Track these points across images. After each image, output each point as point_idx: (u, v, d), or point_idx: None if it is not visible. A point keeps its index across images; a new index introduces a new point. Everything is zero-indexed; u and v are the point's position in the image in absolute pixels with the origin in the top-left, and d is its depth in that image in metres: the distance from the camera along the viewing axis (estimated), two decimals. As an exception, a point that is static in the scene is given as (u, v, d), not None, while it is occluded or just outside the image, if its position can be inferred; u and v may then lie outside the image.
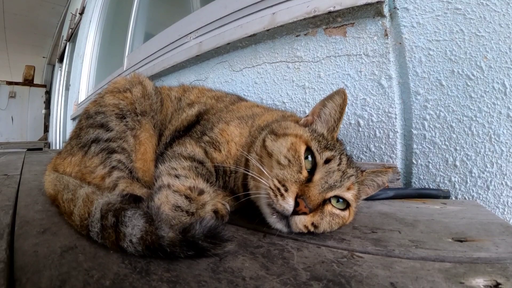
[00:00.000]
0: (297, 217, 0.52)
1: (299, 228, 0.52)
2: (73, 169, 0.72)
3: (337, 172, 0.55)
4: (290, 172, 0.54)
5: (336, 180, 0.55)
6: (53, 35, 8.28)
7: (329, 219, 0.54)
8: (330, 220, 0.54)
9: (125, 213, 0.46)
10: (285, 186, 0.53)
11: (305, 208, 0.51)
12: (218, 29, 1.57)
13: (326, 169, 0.55)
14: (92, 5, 4.23)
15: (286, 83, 1.22)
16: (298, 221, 0.52)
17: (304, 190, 0.52)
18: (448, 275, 0.40)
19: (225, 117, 0.76)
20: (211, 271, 0.39)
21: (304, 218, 0.52)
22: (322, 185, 0.54)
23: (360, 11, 0.99)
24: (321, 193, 0.53)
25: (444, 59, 0.88)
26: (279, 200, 0.52)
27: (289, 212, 0.52)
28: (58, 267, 0.39)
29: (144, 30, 2.85)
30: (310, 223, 0.52)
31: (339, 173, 0.55)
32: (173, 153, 0.65)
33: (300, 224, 0.52)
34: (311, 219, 0.52)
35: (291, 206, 0.51)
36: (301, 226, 0.52)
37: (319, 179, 0.54)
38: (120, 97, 0.78)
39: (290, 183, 0.53)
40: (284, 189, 0.52)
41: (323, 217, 0.54)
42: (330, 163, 0.56)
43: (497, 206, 0.85)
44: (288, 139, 0.59)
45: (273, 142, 0.61)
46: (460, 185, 0.88)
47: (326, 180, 0.54)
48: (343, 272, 0.40)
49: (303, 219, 0.52)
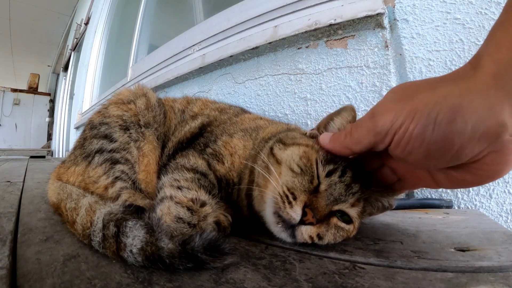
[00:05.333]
0: (304, 227, 0.51)
1: (304, 239, 0.52)
2: (77, 179, 0.72)
3: (339, 184, 0.54)
4: (301, 181, 0.54)
5: (341, 193, 0.54)
6: (58, 44, 8.42)
7: (334, 231, 0.53)
8: (335, 232, 0.54)
9: (126, 223, 0.47)
10: (294, 194, 0.52)
11: (313, 218, 0.50)
12: (221, 42, 1.59)
13: (328, 181, 0.55)
14: (97, 15, 4.32)
15: (288, 95, 1.23)
16: (304, 231, 0.51)
17: (312, 200, 0.52)
18: (450, 285, 0.40)
19: (229, 129, 0.77)
20: (213, 282, 0.39)
21: (310, 229, 0.51)
22: (328, 196, 0.53)
23: (361, 24, 1.01)
24: (328, 205, 0.53)
25: (444, 69, 0.89)
26: (287, 208, 0.51)
27: (295, 221, 0.51)
28: (61, 275, 0.40)
29: (148, 41, 2.90)
30: (316, 234, 0.52)
31: (343, 186, 0.55)
32: (176, 165, 0.66)
33: (305, 234, 0.51)
34: (317, 230, 0.52)
35: (299, 215, 0.51)
36: (307, 237, 0.51)
37: (325, 190, 0.54)
38: (124, 108, 0.79)
39: (300, 191, 0.52)
40: (292, 197, 0.52)
41: (328, 229, 0.53)
42: (333, 175, 0.55)
43: (500, 214, 0.85)
44: (300, 148, 0.59)
45: (282, 150, 0.60)
46: (463, 194, 0.88)
47: (331, 192, 0.54)
48: (345, 284, 0.40)
49: (309, 230, 0.51)
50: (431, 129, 0.41)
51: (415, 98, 0.43)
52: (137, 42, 2.87)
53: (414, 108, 0.42)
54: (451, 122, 0.39)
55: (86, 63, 4.34)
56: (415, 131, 0.42)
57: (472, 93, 0.39)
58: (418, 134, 0.42)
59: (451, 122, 0.39)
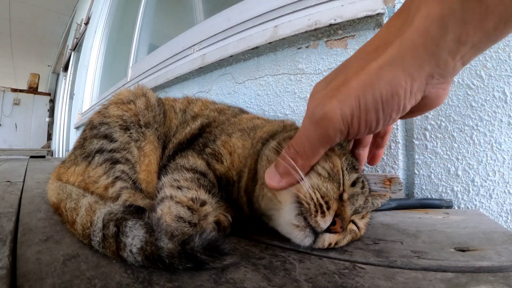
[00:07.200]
0: (327, 235, 0.50)
1: (323, 245, 0.51)
2: (77, 179, 0.72)
3: (361, 195, 0.55)
4: (333, 188, 0.51)
5: (360, 205, 0.54)
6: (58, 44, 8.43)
7: (347, 238, 0.54)
8: (348, 237, 0.54)
9: (126, 223, 0.47)
10: (328, 203, 0.49)
11: (340, 229, 0.49)
12: (221, 42, 1.59)
13: (352, 191, 0.54)
14: (97, 15, 4.32)
15: (288, 95, 1.23)
16: (327, 239, 0.50)
17: (341, 209, 0.50)
18: (450, 285, 0.40)
19: (227, 129, 0.77)
20: (213, 282, 0.39)
21: (333, 237, 0.51)
22: (351, 206, 0.53)
23: (361, 24, 1.01)
24: (351, 215, 0.53)
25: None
26: (318, 216, 0.49)
27: (322, 229, 0.49)
28: (61, 275, 0.40)
29: (148, 41, 2.90)
30: (335, 242, 0.51)
31: (363, 198, 0.55)
32: (176, 165, 0.66)
33: (327, 241, 0.50)
34: (337, 238, 0.51)
35: (327, 225, 0.49)
36: (327, 244, 0.51)
37: (347, 199, 0.53)
38: (124, 108, 0.79)
39: (333, 200, 0.50)
40: (326, 206, 0.49)
41: (345, 236, 0.53)
42: (356, 185, 0.55)
43: (500, 214, 0.85)
44: None
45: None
46: (463, 195, 0.88)
47: (353, 202, 0.53)
48: (345, 284, 0.40)
49: (332, 238, 0.51)
50: (381, 108, 0.42)
51: (349, 87, 0.43)
52: (137, 42, 2.87)
53: (356, 97, 0.42)
54: (394, 95, 0.41)
55: (86, 63, 4.34)
56: (368, 116, 0.43)
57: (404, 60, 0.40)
58: (371, 118, 0.43)
59: (394, 94, 0.41)
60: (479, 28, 0.36)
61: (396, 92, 0.41)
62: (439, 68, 0.40)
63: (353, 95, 0.43)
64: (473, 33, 0.36)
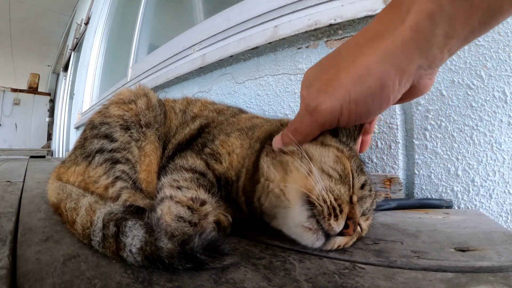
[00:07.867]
0: (339, 238, 0.50)
1: (333, 247, 0.50)
2: (77, 179, 0.72)
3: (369, 198, 0.55)
4: (345, 191, 0.51)
5: (367, 208, 0.54)
6: (58, 44, 8.42)
7: (355, 239, 0.54)
8: (354, 239, 0.54)
9: (126, 223, 0.46)
10: (341, 207, 0.48)
11: (352, 232, 0.49)
12: (221, 42, 1.59)
13: (361, 194, 0.54)
14: (97, 15, 4.32)
15: (288, 95, 1.23)
16: (338, 241, 0.50)
17: (352, 212, 0.50)
18: (450, 285, 0.40)
19: (226, 129, 0.76)
20: (213, 282, 0.39)
21: (344, 239, 0.50)
22: (359, 209, 0.53)
23: (361, 24, 1.01)
24: (360, 217, 0.53)
25: (444, 69, 0.89)
26: (331, 220, 0.48)
27: (335, 233, 0.49)
28: (61, 275, 0.40)
29: (148, 41, 2.90)
30: (344, 243, 0.51)
31: (371, 201, 0.55)
32: (175, 165, 0.66)
33: (336, 244, 0.50)
34: (347, 240, 0.51)
35: (340, 229, 0.48)
36: (336, 246, 0.50)
37: (356, 202, 0.52)
38: (124, 108, 0.79)
39: (345, 203, 0.49)
40: (339, 209, 0.48)
41: (352, 238, 0.53)
42: (365, 188, 0.55)
43: (500, 214, 0.85)
44: (330, 150, 0.55)
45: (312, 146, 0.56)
46: (463, 195, 0.88)
47: (361, 205, 0.53)
48: (345, 284, 0.40)
49: (343, 240, 0.50)
50: (371, 100, 0.45)
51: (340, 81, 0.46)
52: (137, 42, 2.87)
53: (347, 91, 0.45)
54: (383, 88, 0.44)
55: (86, 63, 4.35)
56: (358, 109, 0.46)
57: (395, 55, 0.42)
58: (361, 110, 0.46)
59: (384, 88, 0.44)
60: (466, 23, 0.38)
61: (386, 86, 0.43)
62: (428, 61, 0.42)
63: (343, 90, 0.46)
64: (460, 28, 0.39)
